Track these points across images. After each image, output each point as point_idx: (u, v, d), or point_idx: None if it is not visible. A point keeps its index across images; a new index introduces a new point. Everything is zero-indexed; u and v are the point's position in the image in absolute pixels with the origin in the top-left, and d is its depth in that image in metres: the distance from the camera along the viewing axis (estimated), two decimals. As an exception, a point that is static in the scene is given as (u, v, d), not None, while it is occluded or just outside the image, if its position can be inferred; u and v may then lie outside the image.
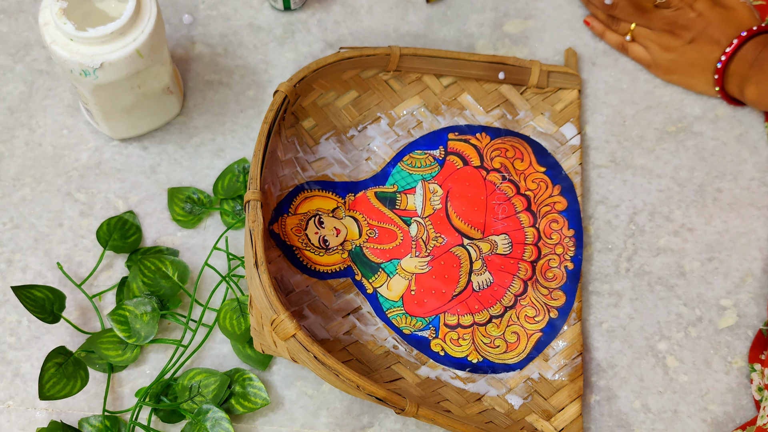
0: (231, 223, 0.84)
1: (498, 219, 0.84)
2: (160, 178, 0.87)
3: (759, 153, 0.88)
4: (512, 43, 0.92)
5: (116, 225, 0.83)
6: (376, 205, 0.84)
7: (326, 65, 0.84)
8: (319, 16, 0.93)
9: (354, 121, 0.87)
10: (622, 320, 0.82)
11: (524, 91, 0.89)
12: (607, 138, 0.89)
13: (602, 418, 0.79)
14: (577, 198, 0.85)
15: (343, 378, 0.70)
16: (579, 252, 0.83)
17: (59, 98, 0.90)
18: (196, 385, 0.77)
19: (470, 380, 0.79)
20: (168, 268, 0.81)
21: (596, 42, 0.92)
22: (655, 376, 0.80)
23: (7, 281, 0.83)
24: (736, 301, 0.83)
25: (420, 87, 0.88)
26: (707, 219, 0.86)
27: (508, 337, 0.81)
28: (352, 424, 0.79)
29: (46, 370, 0.76)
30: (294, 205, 0.82)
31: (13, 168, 0.87)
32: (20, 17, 0.93)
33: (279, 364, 0.80)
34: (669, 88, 0.91)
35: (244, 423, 0.78)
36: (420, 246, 0.83)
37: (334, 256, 0.82)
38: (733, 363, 0.81)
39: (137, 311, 0.79)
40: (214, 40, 0.92)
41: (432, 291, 0.81)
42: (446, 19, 0.93)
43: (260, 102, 0.90)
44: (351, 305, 0.81)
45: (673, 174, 0.87)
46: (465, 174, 0.86)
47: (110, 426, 0.77)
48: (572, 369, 0.79)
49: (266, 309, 0.71)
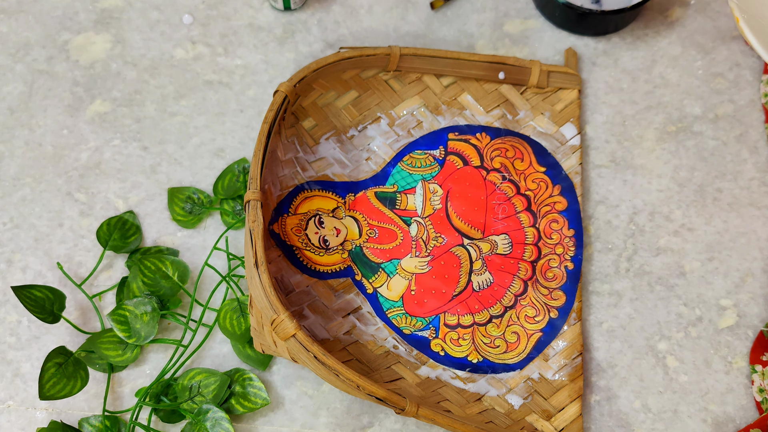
0: (231, 223, 0.84)
1: (498, 219, 0.84)
2: (160, 178, 0.87)
3: (759, 153, 0.88)
4: (512, 43, 0.92)
5: (116, 225, 0.83)
6: (376, 205, 0.84)
7: (326, 65, 0.84)
8: (319, 16, 0.93)
9: (354, 121, 0.87)
10: (622, 320, 0.82)
11: (524, 91, 0.89)
12: (607, 138, 0.89)
13: (602, 418, 0.79)
14: (577, 198, 0.85)
15: (343, 378, 0.70)
16: (579, 252, 0.83)
17: (59, 98, 0.90)
18: (196, 385, 0.77)
19: (470, 380, 0.79)
20: (168, 268, 0.81)
21: (596, 42, 0.92)
22: (655, 376, 0.80)
23: (7, 281, 0.83)
24: (736, 301, 0.83)
25: (420, 87, 0.88)
26: (707, 219, 0.86)
27: (508, 337, 0.81)
28: (352, 424, 0.79)
29: (46, 370, 0.76)
30: (294, 205, 0.82)
31: (13, 168, 0.87)
32: (20, 17, 0.93)
33: (279, 364, 0.80)
34: (669, 88, 0.91)
35: (244, 423, 0.78)
36: (420, 246, 0.83)
37: (334, 256, 0.82)
38: (733, 363, 0.81)
39: (137, 311, 0.79)
40: (214, 40, 0.92)
41: (432, 291, 0.81)
42: (446, 19, 0.93)
43: (260, 102, 0.90)
44: (351, 305, 0.81)
45: (673, 174, 0.87)
46: (465, 174, 0.86)
47: (110, 426, 0.77)
48: (572, 369, 0.79)
49: (266, 309, 0.71)
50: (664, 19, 0.93)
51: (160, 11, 0.93)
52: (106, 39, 0.92)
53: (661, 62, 0.92)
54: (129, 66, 0.91)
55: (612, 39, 0.93)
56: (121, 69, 0.91)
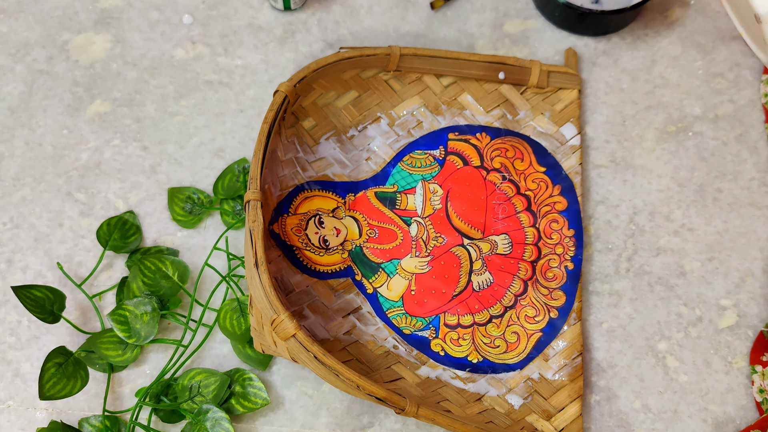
0: (231, 223, 0.84)
1: (498, 219, 0.84)
2: (160, 178, 0.87)
3: (759, 153, 0.88)
4: (512, 43, 0.92)
5: (116, 225, 0.83)
6: (376, 205, 0.84)
7: (326, 65, 0.84)
8: (319, 16, 0.93)
9: (354, 121, 0.87)
10: (622, 320, 0.82)
11: (524, 91, 0.89)
12: (607, 138, 0.89)
13: (602, 418, 0.79)
14: (577, 198, 0.85)
15: (343, 378, 0.70)
16: (579, 252, 0.83)
17: (59, 98, 0.90)
18: (196, 385, 0.77)
19: (470, 380, 0.79)
20: (168, 268, 0.81)
21: (596, 42, 0.92)
22: (655, 376, 0.80)
23: (7, 281, 0.83)
24: (736, 301, 0.83)
25: (420, 87, 0.88)
26: (707, 219, 0.86)
27: (508, 337, 0.81)
28: (352, 424, 0.79)
29: (46, 370, 0.76)
30: (294, 205, 0.82)
31: (13, 168, 0.87)
32: (20, 17, 0.93)
33: (279, 364, 0.80)
34: (669, 88, 0.91)
35: (244, 423, 0.78)
36: (420, 246, 0.83)
37: (334, 256, 0.82)
38: (733, 363, 0.81)
39: (137, 311, 0.79)
40: (214, 40, 0.92)
41: (432, 291, 0.81)
42: (446, 19, 0.93)
43: (260, 102, 0.90)
44: (351, 305, 0.81)
45: (673, 174, 0.87)
46: (465, 174, 0.86)
47: (110, 426, 0.77)
48: (572, 369, 0.79)
49: (266, 309, 0.71)
50: (664, 19, 0.93)
51: (160, 11, 0.93)
52: (106, 39, 0.92)
53: (661, 62, 0.92)
54: (129, 66, 0.91)
55: (612, 39, 0.93)
56: (121, 69, 0.91)
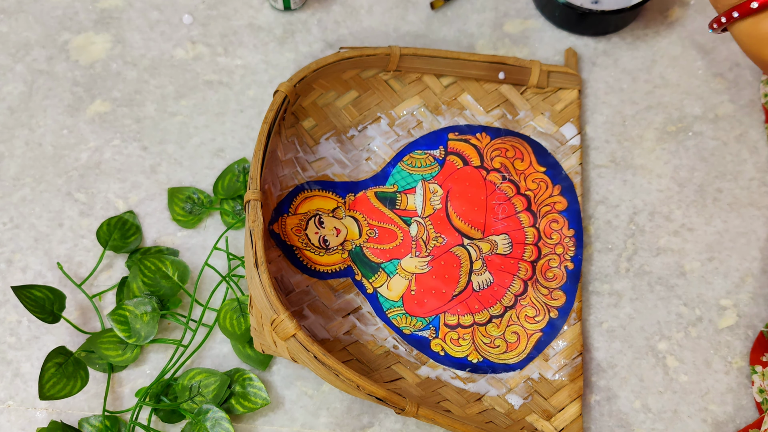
0: (231, 223, 0.84)
1: (498, 219, 0.84)
2: (160, 178, 0.87)
3: (759, 153, 0.88)
4: (512, 43, 0.92)
5: (116, 225, 0.83)
6: (376, 205, 0.84)
7: (326, 65, 0.84)
8: (319, 16, 0.93)
9: (354, 121, 0.87)
10: (622, 320, 0.82)
11: (524, 91, 0.89)
12: (607, 138, 0.89)
13: (602, 418, 0.79)
14: (577, 198, 0.85)
15: (343, 378, 0.70)
16: (579, 252, 0.83)
17: (59, 98, 0.90)
18: (196, 385, 0.77)
19: (470, 380, 0.79)
20: (168, 268, 0.81)
21: (596, 42, 0.92)
22: (655, 376, 0.80)
23: (7, 281, 0.83)
24: (736, 301, 0.83)
25: (420, 87, 0.88)
26: (707, 219, 0.86)
27: (508, 337, 0.81)
28: (352, 424, 0.79)
29: (46, 370, 0.76)
30: (294, 205, 0.82)
31: (13, 168, 0.87)
32: (20, 17, 0.93)
33: (279, 364, 0.80)
34: (669, 88, 0.91)
35: (244, 423, 0.78)
36: (420, 246, 0.83)
37: (334, 256, 0.82)
38: (733, 363, 0.81)
39: (137, 311, 0.79)
40: (214, 40, 0.92)
41: (432, 291, 0.81)
42: (446, 19, 0.93)
43: (260, 102, 0.90)
44: (351, 305, 0.81)
45: (673, 174, 0.87)
46: (465, 174, 0.86)
47: (110, 426, 0.77)
48: (572, 369, 0.79)
49: (266, 309, 0.71)
50: (664, 19, 0.93)
51: (160, 11, 0.93)
52: (106, 39, 0.92)
53: (661, 62, 0.92)
54: (129, 66, 0.91)
55: (612, 39, 0.93)
56: (121, 69, 0.91)
